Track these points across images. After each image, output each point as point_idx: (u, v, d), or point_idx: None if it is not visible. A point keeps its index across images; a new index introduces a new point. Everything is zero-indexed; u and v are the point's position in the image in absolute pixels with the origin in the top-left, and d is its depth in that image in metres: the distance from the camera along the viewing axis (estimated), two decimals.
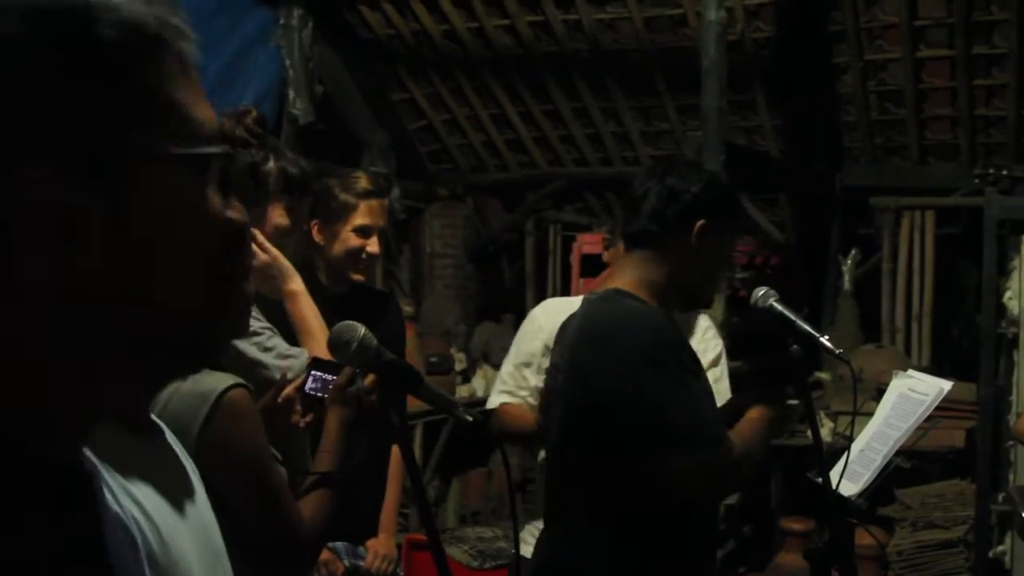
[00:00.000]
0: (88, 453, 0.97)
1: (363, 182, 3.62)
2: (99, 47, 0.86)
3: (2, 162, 0.82)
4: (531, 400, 3.76)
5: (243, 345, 2.51)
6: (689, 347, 2.88)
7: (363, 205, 3.58)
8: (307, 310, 2.76)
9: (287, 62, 7.58)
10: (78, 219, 0.84)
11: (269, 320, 2.70)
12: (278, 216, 2.91)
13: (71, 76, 0.85)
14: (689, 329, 3.90)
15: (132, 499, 1.01)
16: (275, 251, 2.81)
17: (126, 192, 0.86)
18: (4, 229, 0.83)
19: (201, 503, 1.13)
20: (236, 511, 1.92)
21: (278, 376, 2.46)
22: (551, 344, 3.39)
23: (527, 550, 3.45)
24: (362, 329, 1.93)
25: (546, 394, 3.14)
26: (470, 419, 1.97)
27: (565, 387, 2.88)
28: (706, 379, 2.85)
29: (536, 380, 3.76)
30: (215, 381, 2.05)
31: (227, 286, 0.97)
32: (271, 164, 2.86)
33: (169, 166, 0.89)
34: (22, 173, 0.82)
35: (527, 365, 3.88)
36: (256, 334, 2.56)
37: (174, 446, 1.15)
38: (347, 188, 3.58)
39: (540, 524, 3.20)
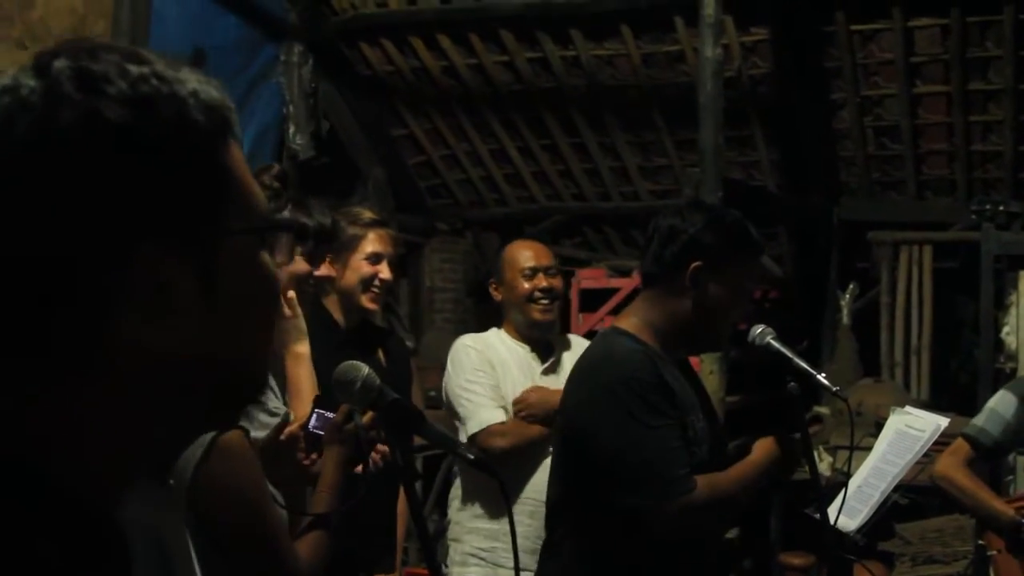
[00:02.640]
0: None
1: (368, 213, 3.73)
2: (196, 130, 0.92)
3: (121, 242, 0.88)
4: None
5: None
6: (669, 388, 2.81)
7: (372, 234, 3.68)
8: (304, 372, 2.78)
9: (287, 97, 7.62)
10: (177, 291, 0.91)
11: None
12: (298, 263, 2.98)
13: (175, 157, 0.91)
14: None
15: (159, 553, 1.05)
16: (299, 311, 2.85)
17: (215, 264, 0.93)
18: (111, 299, 0.89)
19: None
20: (233, 551, 1.92)
21: (253, 429, 2.48)
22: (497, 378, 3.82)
23: None
24: (365, 369, 1.95)
25: None
26: (471, 457, 1.99)
27: (559, 421, 2.97)
28: (692, 421, 2.84)
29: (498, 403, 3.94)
30: None
31: (270, 340, 1.04)
32: (286, 214, 2.94)
33: (245, 239, 0.96)
34: (139, 249, 0.88)
35: (495, 388, 3.97)
36: None
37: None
38: (354, 221, 3.67)
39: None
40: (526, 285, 4.04)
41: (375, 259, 3.66)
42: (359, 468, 2.68)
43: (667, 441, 2.74)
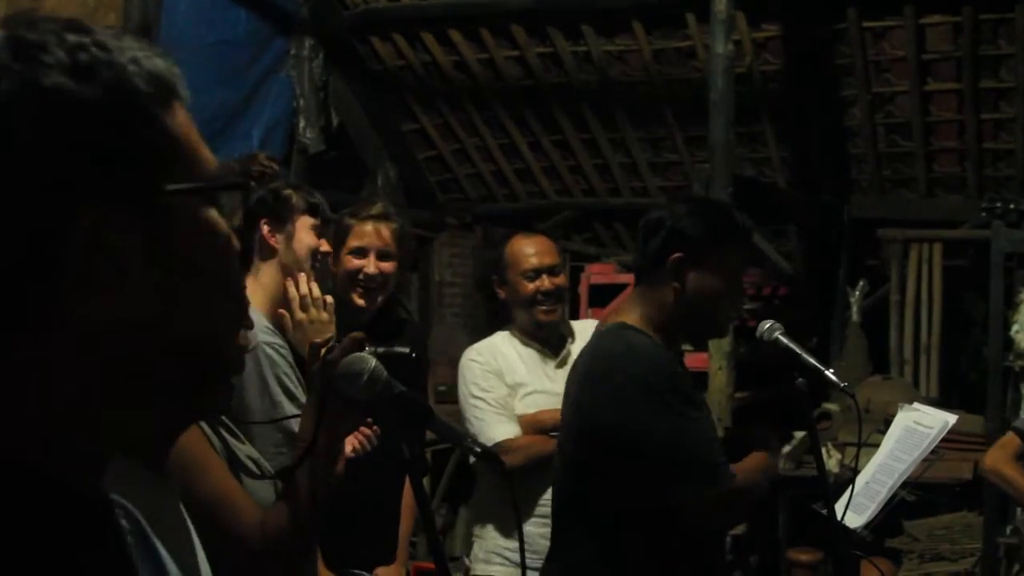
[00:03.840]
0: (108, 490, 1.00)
1: (372, 208, 3.69)
2: (136, 95, 0.93)
3: (62, 203, 0.88)
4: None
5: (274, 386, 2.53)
6: (690, 378, 2.90)
7: (357, 227, 3.63)
8: None
9: (298, 91, 7.62)
10: (123, 255, 0.90)
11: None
12: (307, 235, 2.99)
13: (115, 122, 0.92)
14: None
15: (148, 534, 1.05)
16: (332, 318, 2.88)
17: (163, 227, 0.93)
18: (58, 268, 0.89)
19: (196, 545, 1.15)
20: None
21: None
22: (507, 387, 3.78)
23: None
24: (372, 361, 1.93)
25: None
26: (479, 450, 1.98)
27: (570, 419, 2.91)
28: (708, 409, 2.91)
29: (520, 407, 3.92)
30: None
31: (232, 308, 1.03)
32: (289, 190, 2.97)
33: (192, 200, 0.97)
34: (80, 213, 0.88)
35: (505, 402, 3.96)
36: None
37: None
38: (353, 213, 3.65)
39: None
40: (529, 287, 3.98)
41: (359, 253, 3.62)
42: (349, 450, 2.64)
43: (706, 431, 2.80)
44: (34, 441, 0.91)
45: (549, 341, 4.04)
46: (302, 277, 2.95)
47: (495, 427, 3.87)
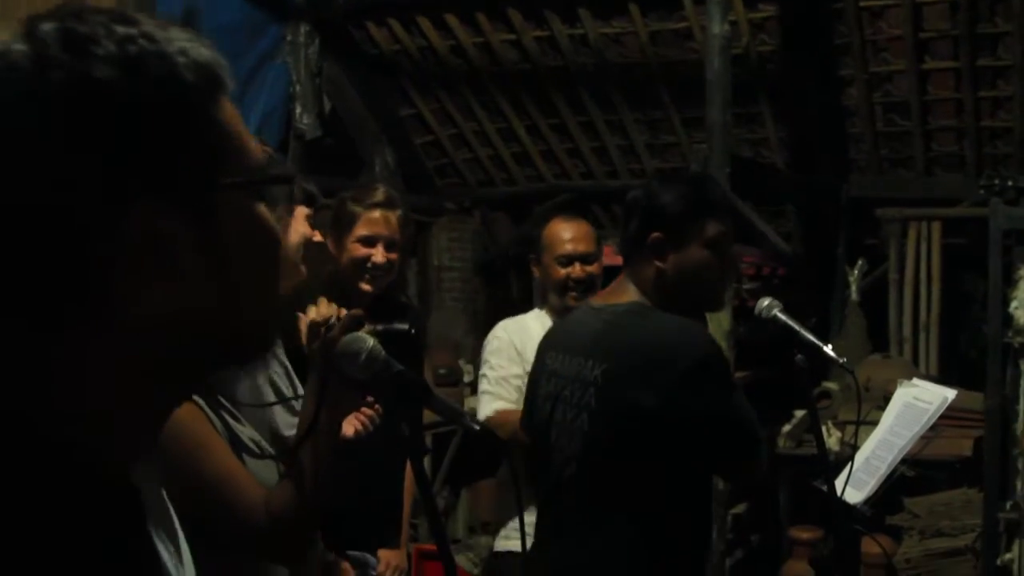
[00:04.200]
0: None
1: (376, 195, 3.67)
2: (185, 88, 0.93)
3: (113, 202, 0.89)
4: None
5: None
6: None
7: (365, 215, 3.62)
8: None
9: (294, 78, 7.61)
10: (174, 248, 0.92)
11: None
12: (302, 225, 2.98)
13: (167, 115, 0.92)
14: None
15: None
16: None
17: (213, 221, 0.94)
18: (109, 261, 0.90)
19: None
20: (174, 504, 1.87)
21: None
22: (527, 365, 3.60)
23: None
24: (371, 340, 1.94)
25: (544, 402, 3.04)
26: (478, 428, 1.98)
27: (603, 405, 2.83)
28: None
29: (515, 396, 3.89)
30: None
31: (274, 298, 1.05)
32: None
33: (241, 192, 0.97)
34: (133, 208, 0.89)
35: (506, 380, 3.96)
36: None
37: None
38: (357, 200, 3.63)
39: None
40: (561, 272, 4.02)
41: (368, 241, 3.61)
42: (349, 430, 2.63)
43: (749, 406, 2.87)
44: (89, 430, 0.92)
45: None
46: (322, 304, 2.88)
47: (487, 404, 3.91)
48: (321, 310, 2.80)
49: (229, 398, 2.30)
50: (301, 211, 3.01)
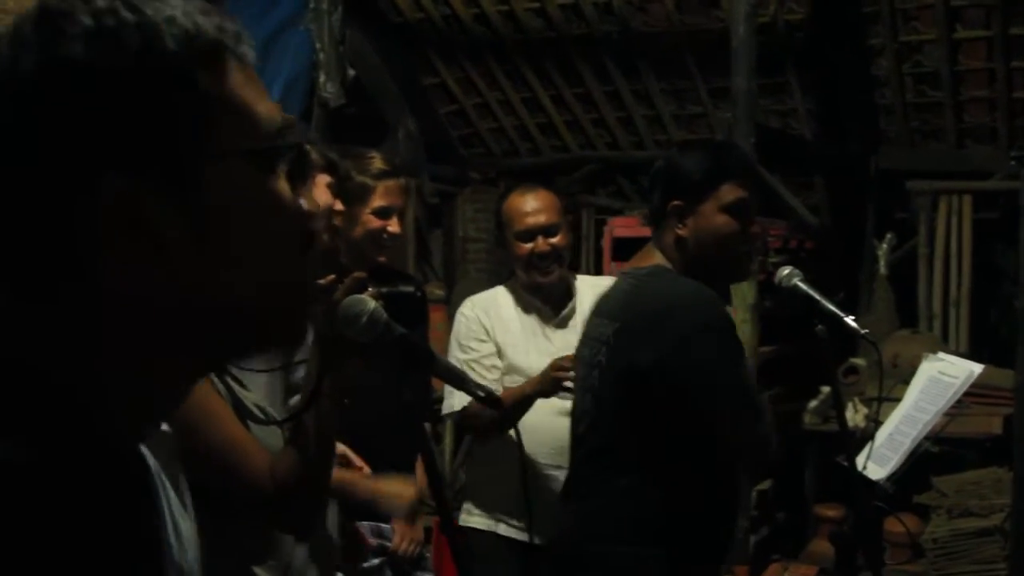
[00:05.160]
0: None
1: (377, 162, 3.64)
2: (166, 58, 0.90)
3: (84, 175, 0.87)
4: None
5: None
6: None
7: (381, 186, 3.59)
8: None
9: (317, 45, 7.55)
10: (157, 224, 0.88)
11: None
12: (323, 194, 2.94)
13: (142, 88, 0.89)
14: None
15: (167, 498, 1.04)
16: None
17: (201, 193, 0.90)
18: (89, 242, 0.87)
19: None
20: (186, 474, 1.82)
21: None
22: (498, 339, 3.77)
23: None
24: (372, 303, 1.89)
25: (578, 365, 3.15)
26: (482, 395, 1.93)
27: (612, 363, 2.89)
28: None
29: (491, 376, 3.83)
30: None
31: (301, 279, 0.99)
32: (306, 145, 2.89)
33: (240, 164, 0.93)
34: (103, 185, 0.87)
35: (477, 363, 3.89)
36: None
37: None
38: (363, 170, 3.58)
39: None
40: (524, 247, 3.88)
41: (383, 213, 3.58)
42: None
43: (749, 375, 2.95)
44: (88, 404, 0.89)
45: (550, 299, 3.95)
46: None
47: (457, 396, 3.79)
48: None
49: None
50: (322, 179, 2.96)
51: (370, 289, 1.99)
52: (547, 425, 3.68)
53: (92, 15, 0.89)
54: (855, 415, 5.97)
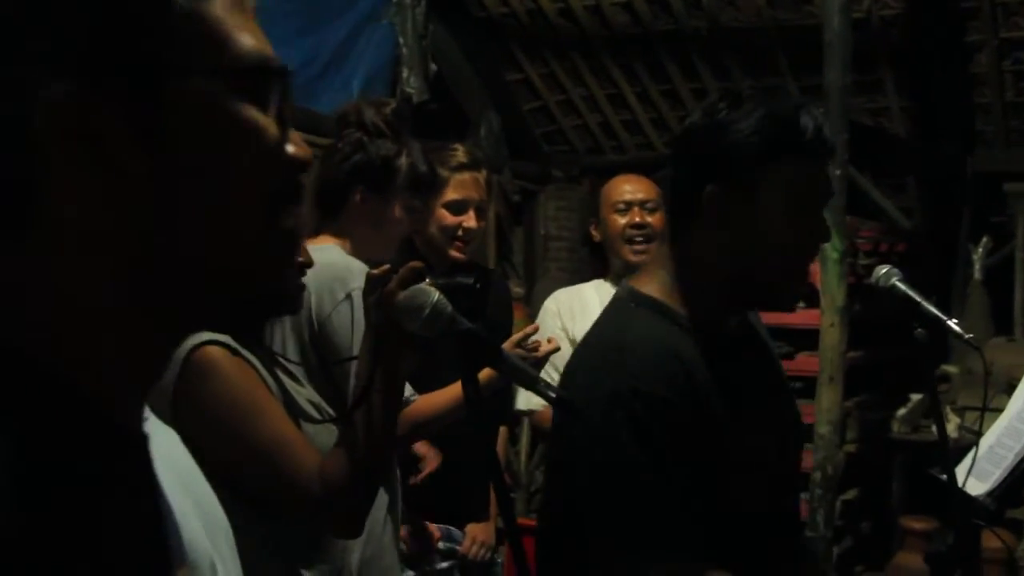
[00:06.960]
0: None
1: (458, 155, 3.55)
2: None
3: (21, 81, 0.75)
4: None
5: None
6: (694, 396, 2.01)
7: (454, 179, 3.51)
8: None
9: (400, 40, 7.50)
10: (111, 145, 0.77)
11: None
12: (397, 211, 2.88)
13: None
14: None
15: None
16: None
17: (161, 114, 0.79)
18: (29, 159, 0.76)
19: (197, 476, 1.03)
20: (224, 469, 1.72)
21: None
22: (577, 337, 3.33)
23: None
24: (436, 294, 1.76)
25: None
26: (553, 396, 1.79)
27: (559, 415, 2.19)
28: (744, 414, 2.09)
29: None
30: (188, 341, 1.91)
31: (278, 227, 0.87)
32: (403, 159, 2.84)
33: (210, 89, 0.81)
34: (43, 93, 0.75)
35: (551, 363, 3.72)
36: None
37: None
38: (441, 163, 3.48)
39: None
40: (621, 221, 3.86)
41: (457, 207, 3.49)
42: None
43: (676, 493, 1.95)
44: (44, 344, 0.79)
45: None
46: None
47: (528, 394, 3.69)
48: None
49: (287, 355, 2.19)
50: (403, 201, 2.89)
51: (427, 280, 1.86)
52: None
53: None
54: (947, 424, 5.78)
